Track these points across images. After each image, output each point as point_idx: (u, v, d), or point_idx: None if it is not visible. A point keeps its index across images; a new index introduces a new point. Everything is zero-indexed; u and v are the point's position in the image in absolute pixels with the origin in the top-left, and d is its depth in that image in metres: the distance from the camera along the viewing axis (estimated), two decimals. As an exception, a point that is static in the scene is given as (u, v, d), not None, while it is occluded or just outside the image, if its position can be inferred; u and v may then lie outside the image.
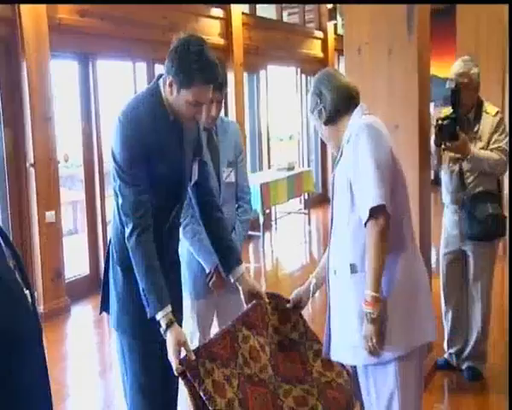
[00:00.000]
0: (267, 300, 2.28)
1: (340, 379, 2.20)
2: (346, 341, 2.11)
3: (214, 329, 2.84)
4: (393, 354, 2.02)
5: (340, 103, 2.16)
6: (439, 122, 3.30)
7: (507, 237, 4.16)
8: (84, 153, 5.88)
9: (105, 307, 2.34)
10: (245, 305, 2.31)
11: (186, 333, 2.82)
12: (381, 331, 1.98)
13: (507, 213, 3.50)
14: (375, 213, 1.94)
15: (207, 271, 2.70)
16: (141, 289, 2.06)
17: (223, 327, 2.20)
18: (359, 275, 2.04)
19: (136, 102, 2.16)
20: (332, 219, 2.18)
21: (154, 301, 2.03)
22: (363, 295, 1.99)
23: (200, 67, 2.00)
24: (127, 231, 2.08)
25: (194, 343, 2.73)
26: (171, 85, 2.05)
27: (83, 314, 5.39)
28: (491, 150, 3.34)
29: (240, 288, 2.33)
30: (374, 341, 1.97)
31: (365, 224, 1.97)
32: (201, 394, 1.88)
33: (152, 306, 2.03)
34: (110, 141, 2.13)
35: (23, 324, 1.40)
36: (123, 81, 6.62)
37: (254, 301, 2.26)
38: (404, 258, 2.07)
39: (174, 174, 2.19)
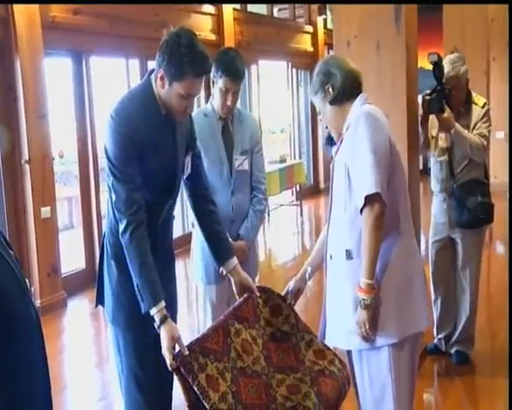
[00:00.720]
0: (258, 293, 2.28)
1: (332, 367, 2.19)
2: (341, 326, 2.12)
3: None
4: (386, 341, 2.03)
5: (348, 85, 2.13)
6: (427, 97, 3.34)
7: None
8: (79, 149, 5.87)
9: (100, 300, 2.33)
10: (237, 297, 2.31)
11: (200, 319, 2.88)
12: (374, 318, 1.99)
13: (494, 201, 3.53)
14: (370, 200, 1.94)
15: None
16: (135, 284, 2.06)
17: (215, 322, 2.21)
18: (355, 261, 2.04)
19: (127, 99, 2.15)
20: (331, 205, 2.18)
21: (148, 296, 2.03)
22: (359, 281, 2.00)
23: (190, 59, 1.99)
24: (121, 227, 2.07)
25: (206, 326, 2.76)
26: (162, 79, 2.04)
27: (79, 308, 5.39)
28: (474, 135, 3.41)
29: (232, 280, 2.33)
30: (367, 327, 1.98)
31: (361, 211, 1.97)
32: (195, 389, 1.88)
33: (146, 301, 2.03)
34: (103, 138, 2.13)
35: (25, 310, 1.41)
36: (116, 78, 6.60)
37: (245, 295, 2.26)
38: (398, 245, 2.07)
39: (167, 169, 2.19)
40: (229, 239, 2.60)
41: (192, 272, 2.96)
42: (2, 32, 4.82)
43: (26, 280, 1.48)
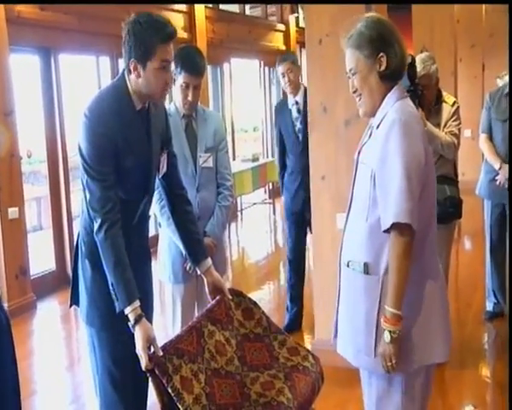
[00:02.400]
0: (230, 296, 2.29)
1: (306, 363, 2.21)
2: (351, 341, 1.98)
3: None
4: (400, 369, 1.86)
5: (401, 65, 1.90)
6: None
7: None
8: (48, 148, 5.77)
9: (75, 300, 2.31)
10: (209, 297, 2.32)
11: (169, 319, 2.86)
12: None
13: (463, 198, 3.60)
14: (398, 228, 1.76)
15: (184, 253, 2.66)
16: (109, 283, 2.04)
17: (188, 324, 2.20)
18: (372, 278, 1.87)
19: (100, 97, 2.13)
20: (350, 205, 1.99)
21: (123, 295, 2.01)
22: (375, 300, 1.86)
23: (153, 29, 2.00)
24: (95, 225, 2.06)
25: (175, 329, 2.82)
26: (136, 68, 2.04)
27: (49, 310, 5.32)
28: (445, 133, 3.47)
29: (205, 280, 2.34)
30: (393, 362, 1.81)
31: (385, 231, 1.80)
32: (170, 390, 1.87)
33: (120, 300, 2.02)
34: (77, 136, 2.10)
35: None
36: (86, 76, 6.52)
37: (218, 297, 2.27)
38: (419, 271, 1.87)
39: (141, 166, 2.18)
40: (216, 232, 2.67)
41: (159, 272, 2.97)
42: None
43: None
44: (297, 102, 4.06)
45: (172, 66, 2.41)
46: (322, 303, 3.72)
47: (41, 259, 5.97)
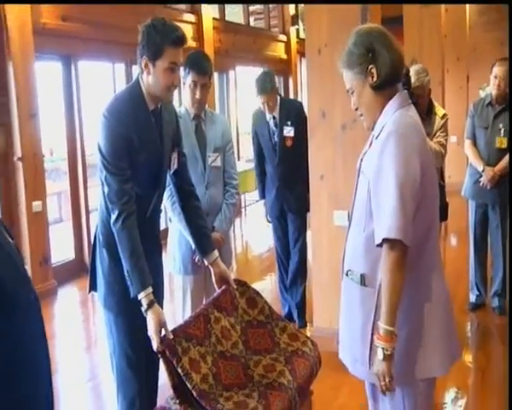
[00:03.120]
0: (235, 286, 2.31)
1: (305, 348, 2.24)
2: (349, 349, 1.89)
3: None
4: (396, 382, 1.72)
5: (395, 71, 1.75)
6: None
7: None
8: (68, 147, 5.81)
9: (93, 286, 2.35)
10: (216, 287, 2.34)
11: (179, 308, 2.83)
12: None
13: (449, 199, 3.64)
14: (390, 243, 1.63)
15: (193, 246, 2.67)
16: (125, 270, 2.07)
17: (196, 311, 2.23)
18: (368, 290, 1.76)
19: (118, 99, 2.18)
20: (352, 212, 1.86)
21: (137, 282, 2.05)
22: (370, 312, 1.74)
23: (164, 33, 2.06)
24: (113, 217, 2.09)
25: (185, 316, 2.74)
26: (146, 66, 2.08)
27: (69, 296, 5.36)
28: (434, 143, 3.51)
29: (212, 271, 2.36)
30: (387, 380, 1.67)
31: (378, 245, 1.67)
32: (179, 371, 1.90)
33: (135, 286, 2.05)
34: (96, 135, 2.13)
35: (26, 290, 1.42)
36: (103, 80, 6.54)
37: (224, 287, 2.29)
38: (416, 286, 1.73)
39: (153, 163, 2.21)
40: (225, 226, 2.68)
41: (169, 264, 2.95)
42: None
43: (26, 267, 1.48)
44: (274, 117, 3.95)
45: (182, 71, 2.44)
46: (320, 294, 3.74)
47: (61, 248, 6.00)
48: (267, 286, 5.21)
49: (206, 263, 2.39)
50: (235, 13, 9.13)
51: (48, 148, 5.70)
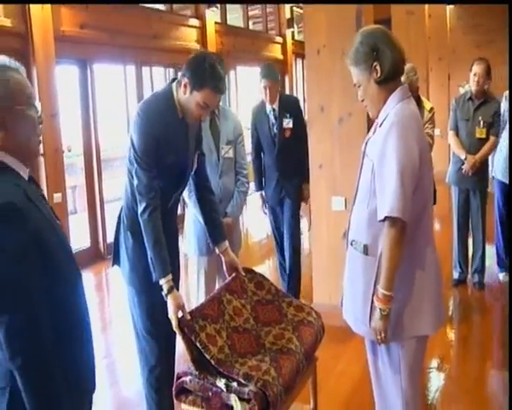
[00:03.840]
0: (243, 273, 2.37)
1: (310, 317, 2.31)
2: (351, 309, 1.97)
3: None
4: (394, 338, 1.85)
5: (396, 67, 1.82)
6: None
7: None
8: (84, 143, 5.87)
9: (116, 261, 2.39)
10: (226, 274, 2.40)
11: (193, 286, 2.87)
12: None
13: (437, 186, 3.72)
14: (391, 220, 1.72)
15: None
16: (149, 257, 2.12)
17: (210, 295, 2.31)
18: (370, 259, 1.84)
19: (151, 101, 2.21)
20: (357, 190, 1.94)
21: (159, 269, 2.10)
22: (371, 278, 1.83)
23: (211, 76, 2.07)
24: (140, 208, 2.13)
25: (199, 295, 2.86)
26: (185, 86, 2.10)
27: (85, 280, 5.26)
28: None
29: (223, 259, 2.40)
30: (382, 335, 1.80)
31: (380, 221, 1.75)
32: (198, 344, 1.98)
33: (157, 272, 2.11)
34: (130, 130, 2.17)
35: (73, 262, 1.51)
36: (116, 82, 6.60)
37: (233, 274, 2.36)
38: (412, 257, 1.83)
39: (179, 166, 2.25)
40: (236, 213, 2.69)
41: (185, 247, 2.99)
42: (22, 44, 4.84)
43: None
44: (274, 110, 3.86)
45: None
46: (320, 272, 3.82)
47: (77, 237, 6.08)
48: (266, 270, 5.25)
49: (217, 251, 2.43)
50: (235, 17, 9.18)
51: (66, 144, 5.73)
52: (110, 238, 6.06)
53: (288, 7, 10.46)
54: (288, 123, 3.81)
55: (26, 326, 1.27)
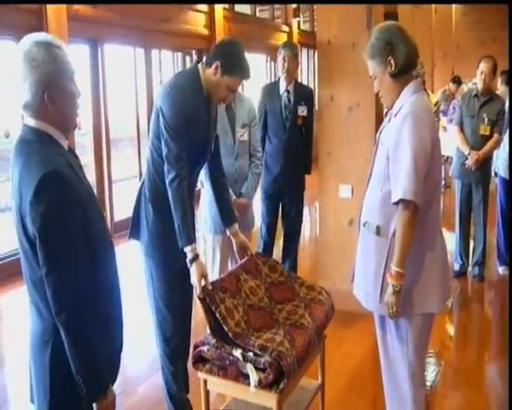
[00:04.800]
0: (253, 252, 2.45)
1: (320, 296, 2.40)
2: (363, 286, 2.07)
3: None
4: (402, 315, 1.96)
5: (410, 61, 1.92)
6: None
7: None
8: (94, 122, 5.91)
9: (133, 235, 2.44)
10: (236, 255, 2.47)
11: (209, 265, 2.94)
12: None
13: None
14: (404, 202, 1.83)
15: None
16: (176, 225, 2.19)
17: (226, 271, 2.38)
18: (382, 239, 1.95)
19: (180, 79, 2.31)
20: (370, 174, 2.04)
21: (186, 236, 2.18)
22: (382, 257, 1.93)
23: (242, 65, 2.25)
24: (169, 176, 2.19)
25: (214, 271, 2.93)
26: (216, 68, 2.21)
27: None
28: None
29: (233, 241, 2.47)
30: (394, 309, 1.91)
31: (394, 203, 1.86)
32: (217, 315, 2.06)
33: (184, 240, 2.18)
34: (160, 103, 2.22)
35: (106, 232, 1.59)
36: (125, 63, 6.62)
37: (249, 255, 2.43)
38: (422, 237, 1.92)
39: (203, 139, 2.33)
40: (233, 195, 2.72)
41: (201, 225, 3.06)
42: (36, 22, 4.87)
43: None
44: (288, 91, 3.75)
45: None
46: (326, 258, 3.89)
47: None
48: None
49: (227, 233, 2.50)
50: (242, 4, 9.18)
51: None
52: (117, 217, 6.15)
53: (294, -4, 10.46)
54: (302, 110, 3.79)
55: (71, 287, 1.37)
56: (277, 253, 4.22)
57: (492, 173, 4.57)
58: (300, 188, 3.93)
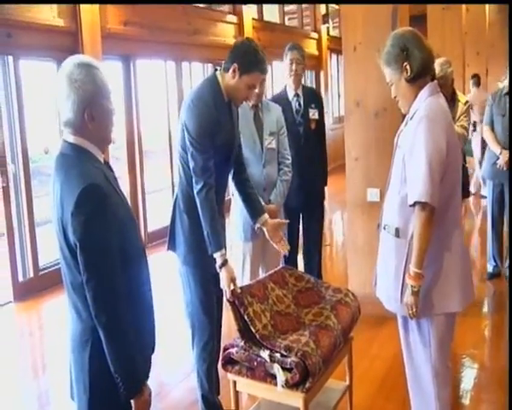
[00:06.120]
0: (286, 221, 2.61)
1: (347, 298, 2.45)
2: (384, 287, 2.11)
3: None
4: (423, 314, 1.99)
5: (426, 66, 1.96)
6: None
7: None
8: (127, 136, 6.11)
9: (171, 246, 2.53)
10: (271, 241, 2.53)
11: (238, 271, 2.98)
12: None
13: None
14: (420, 204, 1.87)
15: None
16: (205, 232, 2.29)
17: (255, 279, 2.46)
18: (401, 241, 1.99)
19: (201, 89, 2.40)
20: (390, 178, 2.09)
21: (215, 243, 2.27)
22: (402, 258, 1.97)
23: (258, 60, 2.31)
24: (197, 187, 2.29)
25: (244, 280, 2.96)
26: (234, 71, 2.30)
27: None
28: (458, 126, 3.65)
29: (265, 230, 2.53)
30: (414, 310, 1.94)
31: (411, 206, 1.90)
32: (245, 318, 2.14)
33: (213, 246, 2.28)
34: (184, 118, 2.33)
35: (140, 243, 1.68)
36: (156, 77, 6.81)
37: (276, 269, 2.51)
38: (441, 238, 1.95)
39: (228, 145, 2.42)
40: (261, 201, 2.77)
41: (232, 232, 3.12)
42: (72, 42, 5.12)
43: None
44: (298, 95, 3.65)
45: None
46: (355, 262, 3.92)
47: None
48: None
49: (258, 225, 2.54)
50: (271, 12, 9.31)
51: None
52: (151, 227, 6.33)
53: (323, 2, 10.52)
54: (313, 113, 3.68)
55: (109, 291, 1.48)
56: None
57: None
58: (320, 199, 3.84)
